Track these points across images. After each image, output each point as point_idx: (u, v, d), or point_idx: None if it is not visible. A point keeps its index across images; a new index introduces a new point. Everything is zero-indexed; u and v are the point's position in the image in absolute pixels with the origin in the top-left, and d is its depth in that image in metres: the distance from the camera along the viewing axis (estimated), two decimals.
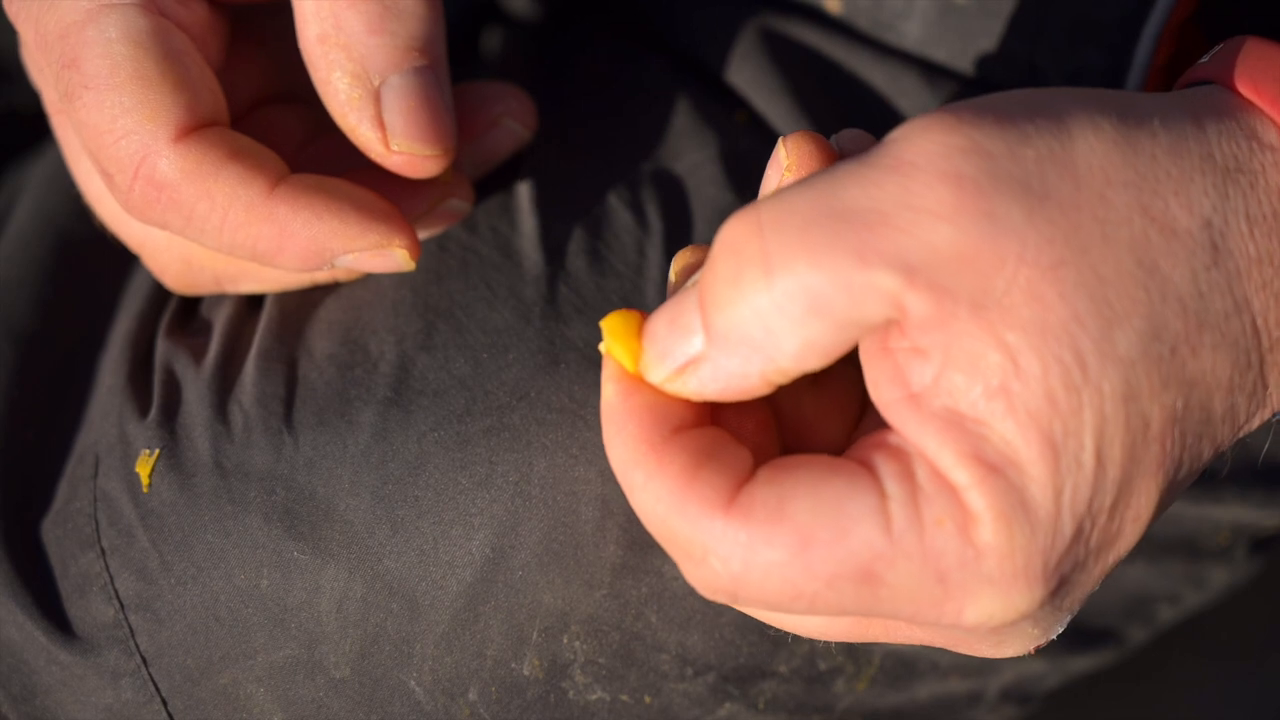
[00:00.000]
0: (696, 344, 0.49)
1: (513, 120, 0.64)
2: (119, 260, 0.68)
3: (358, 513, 0.59)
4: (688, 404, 0.51)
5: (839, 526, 0.47)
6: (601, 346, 0.52)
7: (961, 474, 0.47)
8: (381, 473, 0.59)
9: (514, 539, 0.59)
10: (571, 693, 0.61)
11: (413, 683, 0.60)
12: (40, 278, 0.69)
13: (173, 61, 0.56)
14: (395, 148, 0.58)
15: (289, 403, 0.60)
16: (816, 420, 0.54)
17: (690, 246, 0.54)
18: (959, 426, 0.47)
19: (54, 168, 0.73)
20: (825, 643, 0.64)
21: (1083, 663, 0.74)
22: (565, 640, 0.60)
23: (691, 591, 0.60)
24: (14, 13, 0.57)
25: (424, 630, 0.59)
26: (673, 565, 0.60)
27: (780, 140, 0.53)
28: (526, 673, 0.60)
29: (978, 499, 0.47)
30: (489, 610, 0.59)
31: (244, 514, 0.59)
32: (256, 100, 0.63)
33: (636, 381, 0.51)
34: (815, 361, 0.49)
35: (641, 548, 0.60)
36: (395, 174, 0.60)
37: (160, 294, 0.66)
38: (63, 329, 0.67)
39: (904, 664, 0.67)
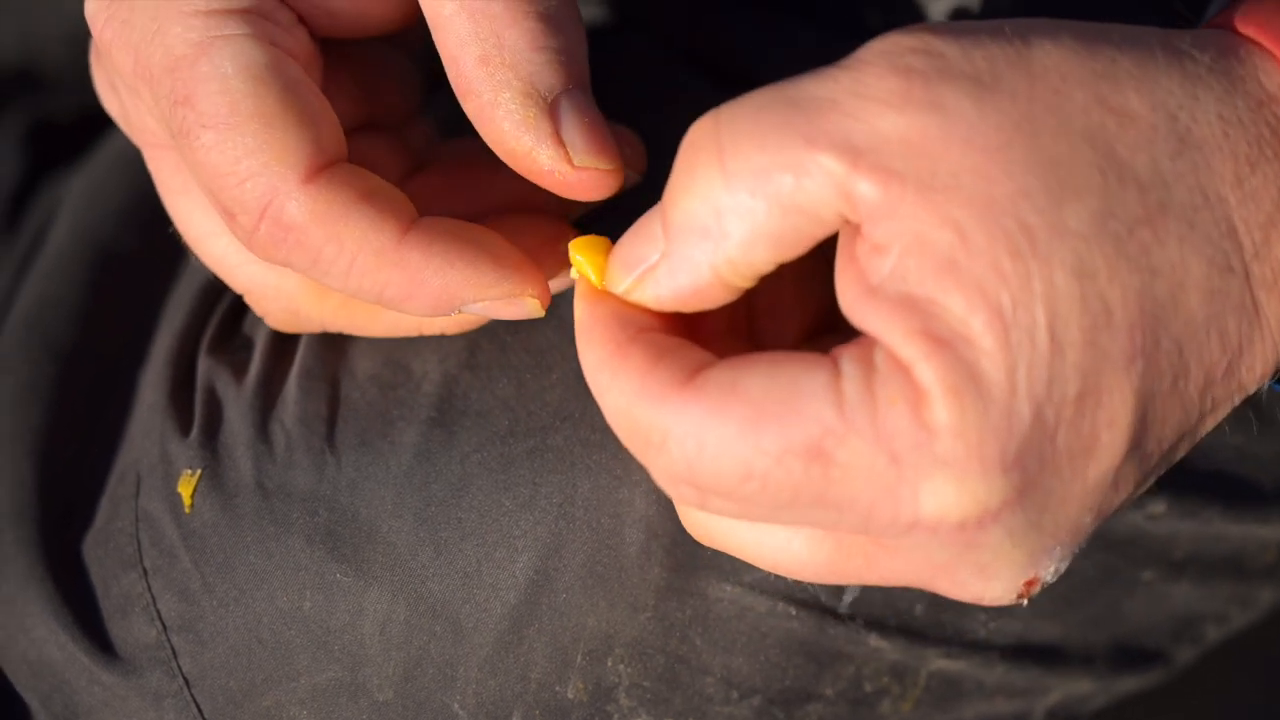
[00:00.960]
0: (656, 249, 0.50)
1: (634, 174, 0.61)
2: (159, 275, 0.68)
3: (401, 534, 0.59)
4: (652, 313, 0.51)
5: (790, 401, 0.47)
6: (571, 272, 0.53)
7: (910, 349, 0.46)
8: (425, 494, 0.59)
9: (558, 561, 0.59)
10: (616, 716, 0.60)
11: (456, 706, 0.59)
12: (80, 293, 0.68)
13: (294, 96, 0.53)
14: (579, 163, 0.55)
15: (331, 422, 0.60)
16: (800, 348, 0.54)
17: None
18: (909, 306, 0.47)
19: (94, 182, 0.72)
20: (871, 665, 0.63)
21: (1130, 683, 0.73)
22: (609, 663, 0.59)
23: (738, 614, 0.60)
24: (108, 40, 0.55)
25: (467, 653, 0.59)
26: (718, 587, 0.60)
27: None
28: (570, 696, 0.60)
29: (927, 373, 0.46)
30: (533, 633, 0.59)
31: (286, 535, 0.59)
32: (347, 129, 0.61)
33: (602, 294, 0.52)
34: (764, 252, 0.49)
35: (686, 570, 0.59)
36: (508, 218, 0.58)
37: (202, 310, 0.66)
38: (103, 344, 0.67)
39: (949, 684, 0.67)
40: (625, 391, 0.49)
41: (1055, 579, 0.51)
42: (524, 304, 0.55)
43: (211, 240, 0.59)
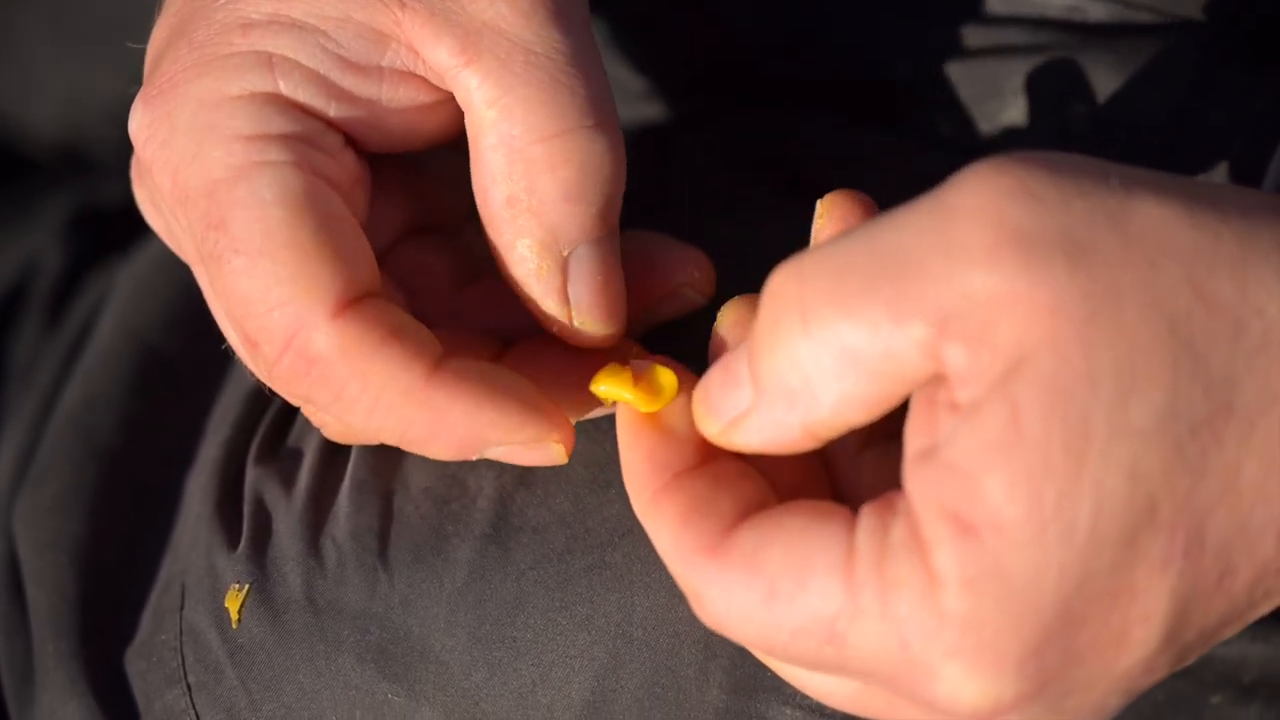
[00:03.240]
0: (745, 397, 0.49)
1: (693, 290, 0.61)
2: (206, 379, 0.68)
3: (454, 653, 0.58)
4: (690, 444, 0.52)
5: (800, 579, 0.47)
6: (600, 391, 0.54)
7: (935, 530, 0.45)
8: (479, 612, 0.58)
9: (615, 682, 0.58)
10: None
11: None
12: (126, 395, 0.68)
13: (330, 229, 0.53)
14: (578, 323, 0.55)
15: (384, 538, 0.59)
16: (874, 481, 0.53)
17: (738, 298, 0.54)
18: (949, 481, 0.45)
19: (140, 280, 0.72)
20: None
21: None
22: None
23: None
24: (148, 159, 0.54)
25: None
26: (778, 710, 0.58)
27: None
28: None
29: (945, 560, 0.45)
30: None
31: (337, 653, 0.58)
32: (399, 235, 0.61)
33: (640, 427, 0.53)
34: (855, 414, 0.47)
35: (745, 691, 0.58)
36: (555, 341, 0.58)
37: (250, 418, 0.65)
38: (148, 449, 0.67)
39: None
40: (664, 544, 0.50)
41: None
42: (548, 449, 0.55)
43: None
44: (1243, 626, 0.49)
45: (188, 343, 0.69)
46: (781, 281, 0.48)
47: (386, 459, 0.61)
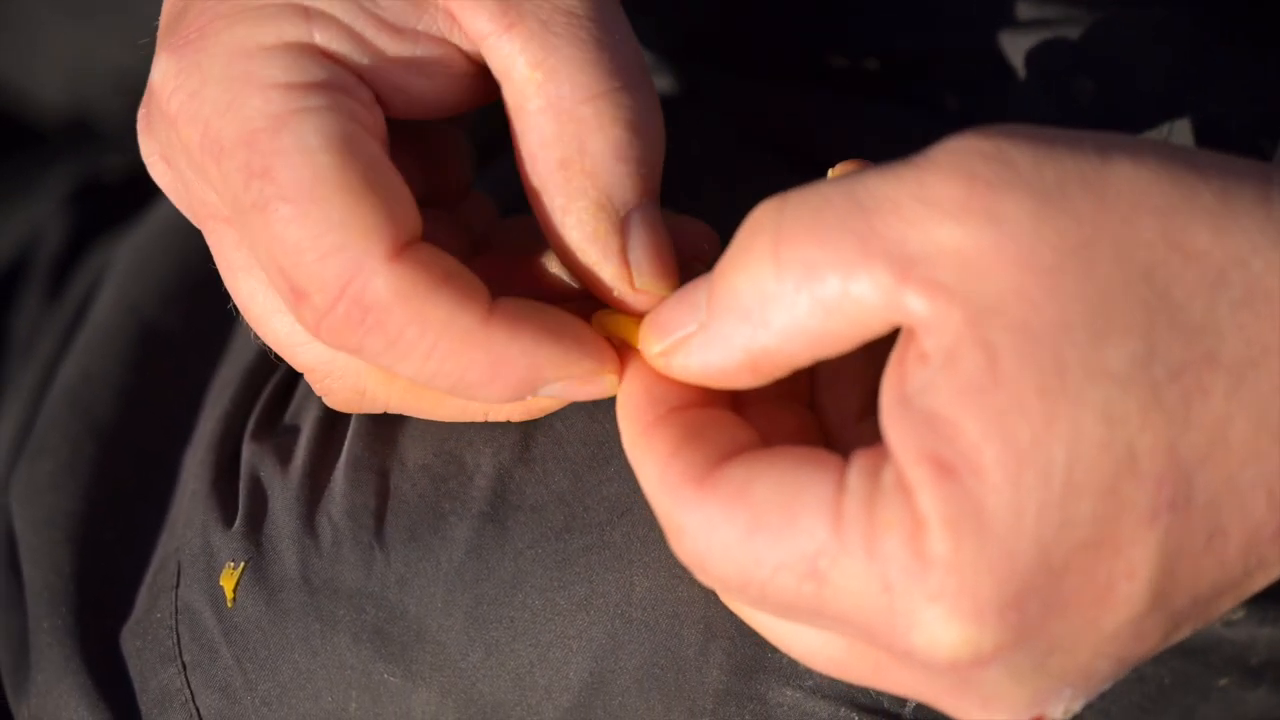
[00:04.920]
0: (695, 319, 0.50)
1: (702, 265, 0.60)
2: (204, 355, 0.68)
3: (451, 634, 0.58)
4: (689, 388, 0.52)
5: (790, 513, 0.47)
6: (607, 324, 0.54)
7: (917, 472, 0.46)
8: (476, 592, 0.58)
9: (614, 663, 0.57)
10: None
11: None
12: (123, 371, 0.68)
13: (377, 173, 0.52)
14: (640, 286, 0.54)
15: (380, 515, 0.59)
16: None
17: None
18: (928, 426, 0.46)
19: (140, 254, 0.72)
20: None
21: None
22: None
23: (798, 719, 0.59)
24: (175, 110, 0.53)
25: None
26: (779, 691, 0.58)
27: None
28: None
29: (928, 501, 0.45)
30: None
31: (332, 633, 0.58)
32: None
33: (637, 366, 0.53)
34: (799, 348, 0.48)
35: (746, 672, 0.58)
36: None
37: (247, 394, 0.65)
38: (145, 425, 0.67)
39: None
40: (650, 477, 0.50)
41: (1068, 717, 0.50)
42: (603, 381, 0.54)
43: (276, 318, 0.57)
44: (1238, 599, 0.48)
45: (186, 317, 0.69)
46: (762, 212, 0.48)
47: (383, 436, 0.61)
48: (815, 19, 0.71)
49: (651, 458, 0.50)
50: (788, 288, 0.47)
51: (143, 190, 0.84)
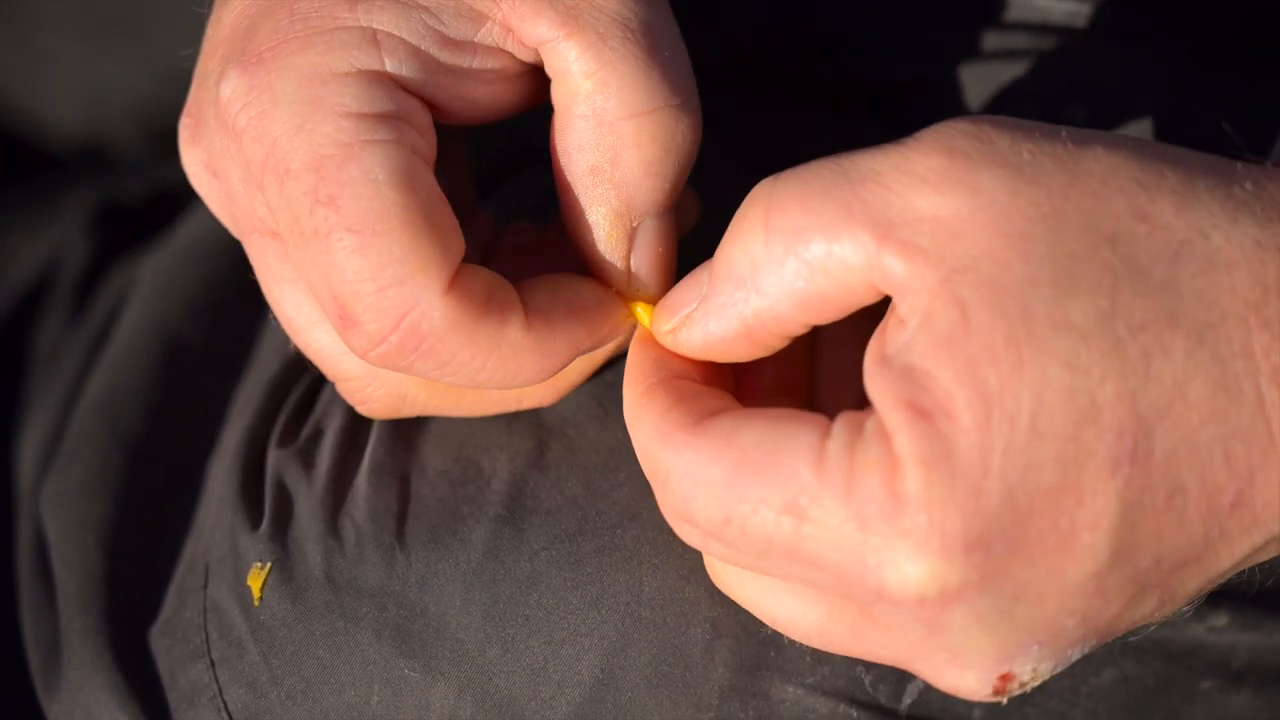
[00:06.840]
0: (699, 293, 0.53)
1: (685, 214, 0.63)
2: (228, 369, 0.69)
3: (469, 630, 0.59)
4: (694, 363, 0.55)
5: (774, 453, 0.49)
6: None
7: (894, 416, 0.48)
8: (493, 591, 0.59)
9: (624, 660, 0.59)
10: None
11: None
12: (150, 384, 0.69)
13: (434, 207, 0.53)
14: (634, 289, 0.57)
15: (401, 518, 0.60)
16: None
17: None
18: (906, 376, 0.48)
19: (164, 271, 0.73)
20: None
21: None
22: None
23: (800, 715, 0.60)
24: (242, 125, 0.53)
25: None
26: (781, 688, 0.60)
27: None
28: None
29: (904, 442, 0.47)
30: None
31: (355, 630, 0.59)
32: None
33: (649, 341, 0.56)
34: (791, 311, 0.51)
35: (750, 670, 0.59)
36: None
37: (272, 405, 0.66)
38: (172, 435, 0.68)
39: None
40: (644, 430, 0.52)
41: (1037, 681, 0.51)
42: (629, 324, 0.58)
43: (317, 330, 0.58)
44: (1204, 578, 0.50)
45: (210, 332, 0.69)
46: (757, 188, 0.51)
47: (404, 443, 0.62)
48: (812, 47, 0.72)
49: (648, 415, 0.52)
50: (776, 251, 0.50)
51: (162, 213, 0.85)
